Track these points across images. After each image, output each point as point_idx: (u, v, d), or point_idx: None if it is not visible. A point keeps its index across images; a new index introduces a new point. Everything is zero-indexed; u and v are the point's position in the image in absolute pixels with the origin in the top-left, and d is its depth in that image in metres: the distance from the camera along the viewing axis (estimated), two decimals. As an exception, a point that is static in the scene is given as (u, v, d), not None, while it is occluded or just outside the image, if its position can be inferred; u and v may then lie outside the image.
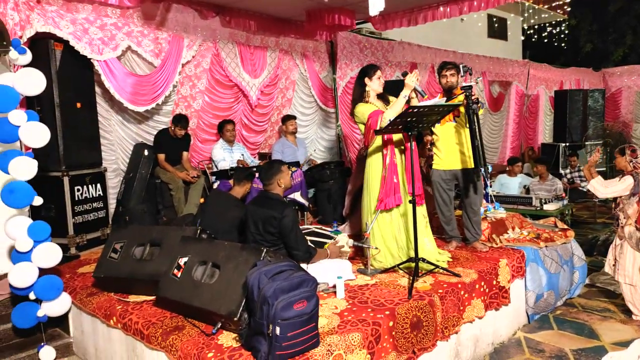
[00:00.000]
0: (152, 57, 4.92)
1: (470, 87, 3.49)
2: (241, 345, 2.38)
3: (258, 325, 2.20)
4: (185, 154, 5.30)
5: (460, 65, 3.55)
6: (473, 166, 3.81)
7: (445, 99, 3.75)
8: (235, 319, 2.38)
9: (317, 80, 6.96)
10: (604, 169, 9.10)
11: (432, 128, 4.02)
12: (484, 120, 10.42)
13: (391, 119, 3.15)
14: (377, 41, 7.81)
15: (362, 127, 3.69)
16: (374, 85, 3.63)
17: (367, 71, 3.66)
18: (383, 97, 3.72)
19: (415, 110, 3.07)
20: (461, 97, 3.60)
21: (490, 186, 6.92)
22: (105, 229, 4.62)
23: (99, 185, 4.62)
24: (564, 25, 13.82)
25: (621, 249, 3.98)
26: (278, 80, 6.46)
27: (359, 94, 3.69)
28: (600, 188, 4.04)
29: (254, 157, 6.26)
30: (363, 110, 3.61)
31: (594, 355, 3.40)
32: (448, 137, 3.97)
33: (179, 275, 2.76)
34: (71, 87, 4.33)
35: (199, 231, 3.12)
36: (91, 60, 4.40)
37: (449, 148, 3.98)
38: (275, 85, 6.43)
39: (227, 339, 2.49)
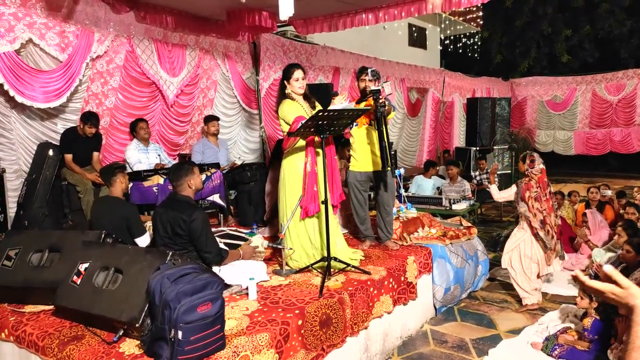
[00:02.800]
0: (58, 51, 4.62)
1: (378, 91, 3.65)
2: (144, 352, 2.32)
3: (160, 330, 2.16)
4: (95, 154, 5.02)
5: (369, 70, 3.69)
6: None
7: (354, 103, 3.90)
8: (137, 325, 2.31)
9: (239, 81, 6.90)
10: (510, 171, 9.89)
11: (350, 131, 4.17)
12: (402, 125, 10.90)
13: (302, 122, 3.22)
14: (300, 44, 7.91)
15: (282, 124, 3.69)
16: (294, 87, 3.66)
17: (285, 73, 3.71)
18: (309, 98, 3.75)
19: (325, 113, 3.16)
20: (371, 101, 3.76)
21: (407, 188, 7.29)
22: (4, 235, 4.26)
23: (-5, 187, 4.26)
24: (477, 37, 14.82)
25: (514, 242, 4.38)
26: (199, 80, 6.33)
27: (282, 94, 3.73)
28: (495, 193, 4.61)
29: (174, 159, 6.08)
30: (289, 110, 3.61)
31: (490, 343, 3.69)
32: (363, 140, 4.12)
33: (78, 282, 2.63)
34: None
35: (103, 235, 2.98)
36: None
37: (364, 151, 4.13)
38: (195, 84, 6.29)
39: (130, 346, 2.41)
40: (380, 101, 3.55)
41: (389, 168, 3.58)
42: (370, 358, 3.40)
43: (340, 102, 3.53)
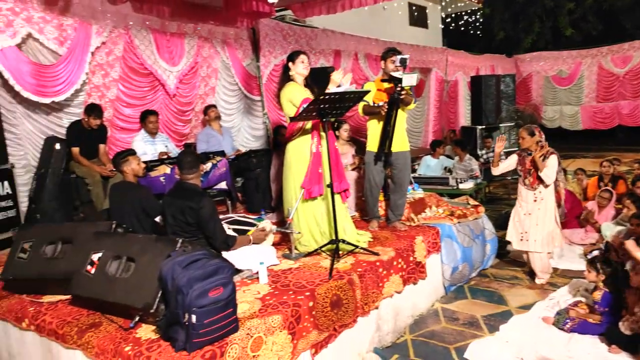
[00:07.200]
0: (57, 45, 4.62)
1: (400, 79, 3.67)
2: (160, 336, 2.36)
3: (174, 315, 2.20)
4: (102, 146, 5.04)
5: (399, 57, 3.74)
6: (403, 149, 4.09)
7: (354, 85, 3.92)
8: (152, 310, 2.35)
9: (240, 68, 6.87)
10: (517, 149, 9.80)
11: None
12: (407, 106, 10.81)
13: (304, 107, 3.21)
14: (300, 29, 7.84)
15: (287, 107, 3.65)
16: (298, 68, 3.65)
17: (291, 56, 3.72)
18: (310, 87, 3.74)
19: (327, 97, 3.15)
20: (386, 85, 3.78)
21: (414, 169, 7.27)
22: (17, 229, 4.32)
23: (6, 182, 4.32)
24: (478, 14, 14.59)
25: (528, 219, 4.35)
26: (199, 69, 6.30)
27: (284, 79, 3.73)
28: (495, 171, 4.57)
29: (181, 148, 6.09)
30: (294, 92, 3.58)
31: (501, 319, 3.71)
32: (380, 121, 4.08)
33: (92, 272, 2.67)
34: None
35: (114, 225, 3.02)
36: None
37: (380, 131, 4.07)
38: (195, 73, 6.27)
39: (146, 331, 2.46)
40: (398, 88, 3.57)
41: (387, 150, 3.62)
42: (382, 337, 3.44)
43: (337, 78, 3.50)
